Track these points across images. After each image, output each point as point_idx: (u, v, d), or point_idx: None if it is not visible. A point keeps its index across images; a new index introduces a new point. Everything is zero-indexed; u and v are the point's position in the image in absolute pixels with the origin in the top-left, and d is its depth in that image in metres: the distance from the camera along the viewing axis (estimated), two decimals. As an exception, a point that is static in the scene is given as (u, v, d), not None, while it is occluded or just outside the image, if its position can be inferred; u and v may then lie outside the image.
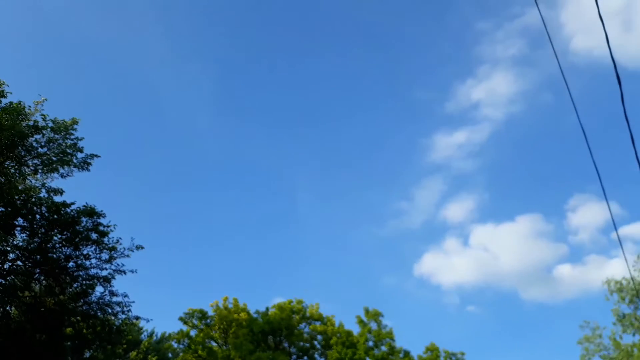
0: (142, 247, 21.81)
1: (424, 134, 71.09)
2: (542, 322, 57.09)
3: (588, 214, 57.88)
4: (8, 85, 19.48)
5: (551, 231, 62.09)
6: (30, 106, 20.02)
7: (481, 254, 60.92)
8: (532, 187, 70.38)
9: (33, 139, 20.32)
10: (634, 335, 28.98)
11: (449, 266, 61.27)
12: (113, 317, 22.11)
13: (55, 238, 20.66)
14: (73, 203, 20.87)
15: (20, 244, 20.47)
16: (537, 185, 67.98)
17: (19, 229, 20.37)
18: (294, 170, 67.20)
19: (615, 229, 9.07)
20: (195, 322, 38.23)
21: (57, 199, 20.68)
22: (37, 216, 20.38)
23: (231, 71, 70.82)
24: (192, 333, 37.93)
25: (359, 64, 69.67)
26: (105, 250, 21.44)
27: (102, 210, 21.19)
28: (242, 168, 67.57)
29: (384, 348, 36.32)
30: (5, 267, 20.37)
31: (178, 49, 68.70)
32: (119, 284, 21.85)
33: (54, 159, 20.74)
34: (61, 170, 20.86)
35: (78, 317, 21.37)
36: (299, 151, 67.58)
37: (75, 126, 21.03)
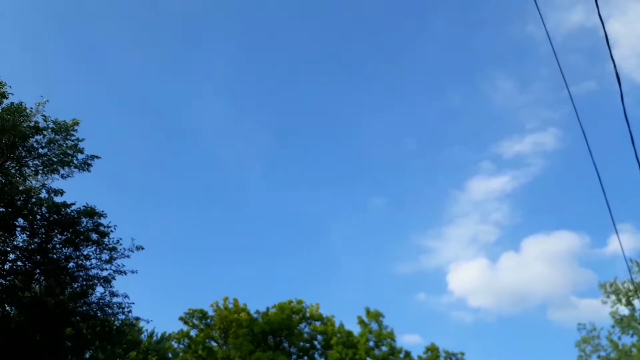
0: (142, 248, 21.89)
1: (460, 182, 74.90)
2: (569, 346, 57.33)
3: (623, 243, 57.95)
4: (10, 87, 19.58)
5: (584, 258, 62.34)
6: (32, 107, 20.14)
7: (511, 277, 61.44)
8: (570, 216, 71.57)
9: (34, 139, 20.40)
10: (632, 336, 29.00)
11: (481, 288, 62.13)
12: (113, 318, 22.16)
13: (55, 238, 20.74)
14: (73, 203, 20.95)
15: (21, 244, 20.56)
16: (576, 216, 68.67)
17: (19, 229, 20.44)
18: (331, 214, 71.05)
19: (615, 229, 9.09)
20: (196, 322, 38.33)
21: (58, 199, 20.79)
22: (38, 217, 20.45)
23: (282, 133, 76.79)
24: (193, 333, 38.05)
25: (404, 125, 74.61)
26: (105, 251, 21.49)
27: (102, 211, 21.27)
28: (282, 209, 72.10)
29: (384, 348, 36.38)
30: (5, 267, 20.46)
31: (238, 111, 74.82)
32: (119, 284, 22.01)
33: (54, 159, 20.82)
34: (61, 171, 20.94)
35: (78, 318, 21.44)
36: (336, 199, 72.14)
37: (76, 127, 21.11)
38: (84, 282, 21.59)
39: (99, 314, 21.72)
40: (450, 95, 73.16)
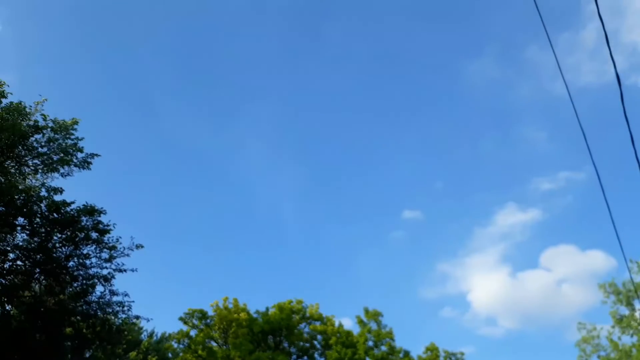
0: (142, 246, 21.81)
1: (487, 218, 76.19)
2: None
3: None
4: (9, 86, 19.56)
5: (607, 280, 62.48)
6: (30, 106, 20.12)
7: (535, 297, 61.80)
8: (598, 243, 72.33)
9: (33, 138, 20.38)
10: (632, 336, 29.01)
11: (503, 307, 62.78)
12: (113, 317, 22.09)
13: (55, 237, 20.68)
14: (73, 202, 20.87)
15: (21, 243, 20.48)
16: (604, 242, 69.22)
17: (19, 228, 20.39)
18: (357, 244, 72.84)
19: (614, 226, 9.08)
20: (195, 322, 38.29)
21: (57, 198, 20.69)
22: (37, 215, 20.38)
23: (315, 170, 79.16)
24: (192, 333, 38.00)
25: (434, 167, 76.09)
26: (105, 250, 21.43)
27: (102, 208, 21.21)
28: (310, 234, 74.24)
29: (383, 348, 36.34)
30: (5, 266, 20.39)
31: (275, 152, 77.83)
32: (119, 283, 21.94)
33: (54, 158, 20.80)
34: (61, 170, 20.90)
35: (78, 317, 21.36)
36: (362, 232, 72.93)
37: (75, 126, 21.08)
38: (84, 281, 21.52)
39: (99, 313, 21.64)
40: (482, 141, 74.96)
